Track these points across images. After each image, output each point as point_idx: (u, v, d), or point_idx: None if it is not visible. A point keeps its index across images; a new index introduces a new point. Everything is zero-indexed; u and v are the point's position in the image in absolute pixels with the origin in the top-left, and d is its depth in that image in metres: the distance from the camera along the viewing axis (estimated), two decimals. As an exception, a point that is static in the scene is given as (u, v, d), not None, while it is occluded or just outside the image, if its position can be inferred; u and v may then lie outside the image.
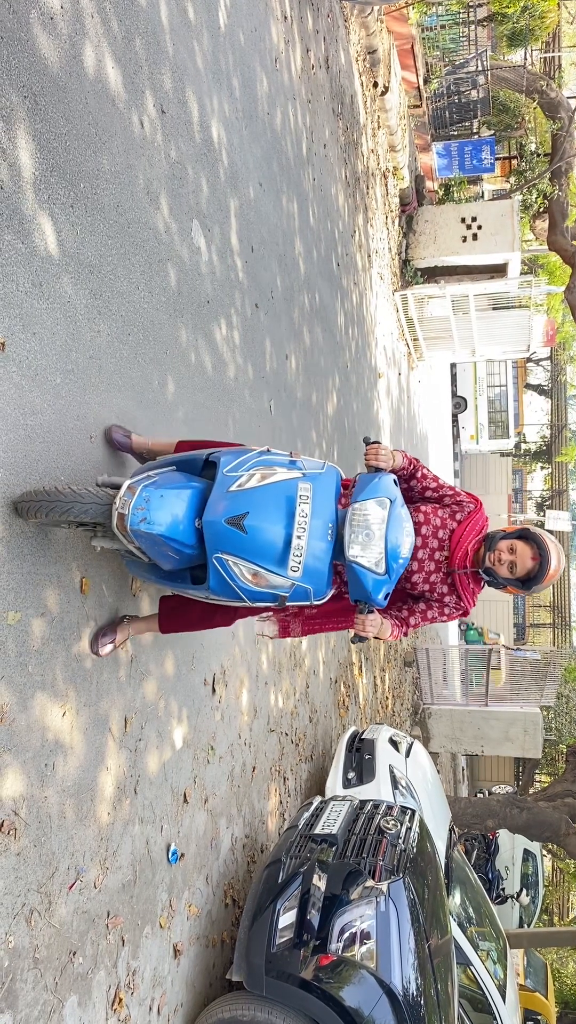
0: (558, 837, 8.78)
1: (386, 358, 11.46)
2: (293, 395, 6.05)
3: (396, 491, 2.71)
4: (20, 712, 2.54)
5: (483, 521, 3.10)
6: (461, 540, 3.04)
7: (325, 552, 2.59)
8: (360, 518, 2.60)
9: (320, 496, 2.58)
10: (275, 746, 5.34)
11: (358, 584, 2.64)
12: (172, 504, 2.49)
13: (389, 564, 2.63)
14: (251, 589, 2.55)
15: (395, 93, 11.32)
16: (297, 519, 2.51)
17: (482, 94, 14.92)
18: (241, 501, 2.49)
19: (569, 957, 23.38)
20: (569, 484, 33.04)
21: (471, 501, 3.13)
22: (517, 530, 3.02)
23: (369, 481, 2.69)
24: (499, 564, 2.99)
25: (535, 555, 2.94)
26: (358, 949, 3.63)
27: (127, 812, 3.21)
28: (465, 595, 3.09)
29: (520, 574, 2.98)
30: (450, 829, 6.65)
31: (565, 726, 20.92)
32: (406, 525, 2.71)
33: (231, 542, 2.48)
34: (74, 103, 2.99)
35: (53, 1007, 2.63)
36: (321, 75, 7.57)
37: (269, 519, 2.49)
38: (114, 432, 3.08)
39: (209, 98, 4.43)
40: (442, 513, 3.10)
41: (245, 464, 2.57)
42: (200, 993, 3.82)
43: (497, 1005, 5.77)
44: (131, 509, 2.43)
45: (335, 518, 2.62)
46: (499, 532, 3.04)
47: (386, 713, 9.81)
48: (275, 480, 2.55)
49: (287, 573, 2.52)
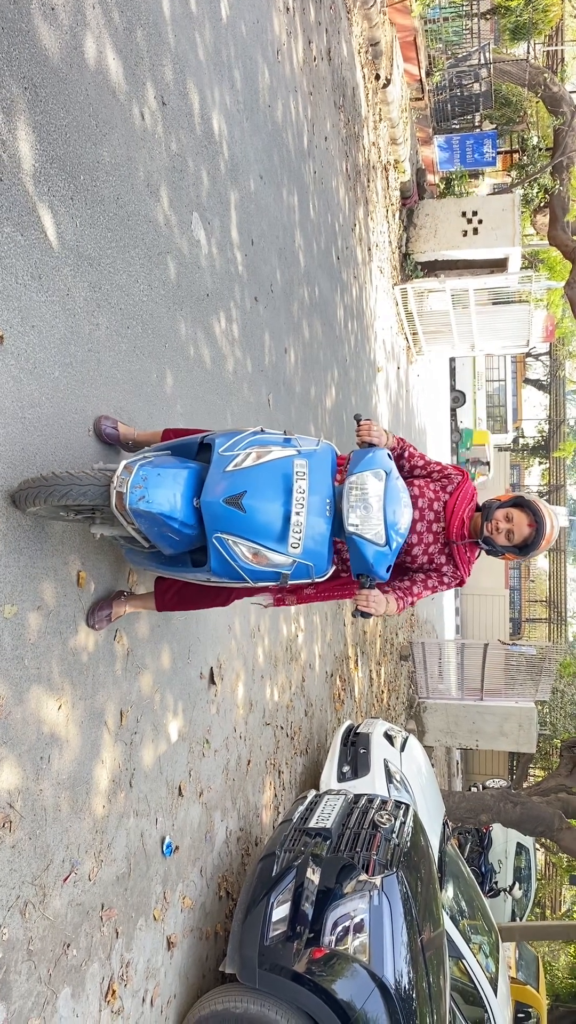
0: (551, 832, 8.81)
1: (385, 352, 11.44)
2: (292, 389, 6.05)
3: (391, 464, 2.74)
4: (16, 705, 2.54)
5: (472, 491, 3.17)
6: (455, 510, 3.09)
7: (324, 528, 2.60)
8: (358, 491, 2.61)
9: (317, 473, 2.59)
10: (270, 739, 5.35)
11: (360, 557, 2.65)
12: (170, 482, 2.49)
13: (389, 536, 2.64)
14: (252, 568, 2.55)
15: (397, 86, 11.27)
16: (295, 496, 2.51)
17: (484, 87, 14.85)
18: (238, 480, 2.49)
19: (561, 950, 23.50)
20: (567, 479, 33.05)
21: (458, 473, 3.20)
22: (512, 498, 3.09)
23: (364, 455, 2.71)
24: (497, 533, 3.04)
25: (531, 522, 3.00)
26: (351, 943, 3.65)
27: (122, 805, 3.22)
28: (462, 564, 3.15)
29: (517, 541, 3.03)
30: (444, 823, 6.67)
31: (560, 720, 20.98)
32: (403, 496, 2.73)
33: (230, 522, 2.48)
34: (75, 94, 2.97)
35: (47, 998, 2.64)
36: (323, 67, 7.54)
37: (267, 497, 2.49)
38: (103, 423, 3.07)
39: (210, 90, 4.41)
40: (434, 486, 3.16)
41: (240, 444, 2.58)
42: (193, 985, 3.84)
43: (488, 998, 5.80)
44: (129, 487, 2.42)
45: (332, 494, 2.63)
46: (494, 501, 3.10)
47: (381, 707, 9.83)
48: (271, 458, 2.55)
49: (287, 550, 2.52)
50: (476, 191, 18.22)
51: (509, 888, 15.10)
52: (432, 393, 19.34)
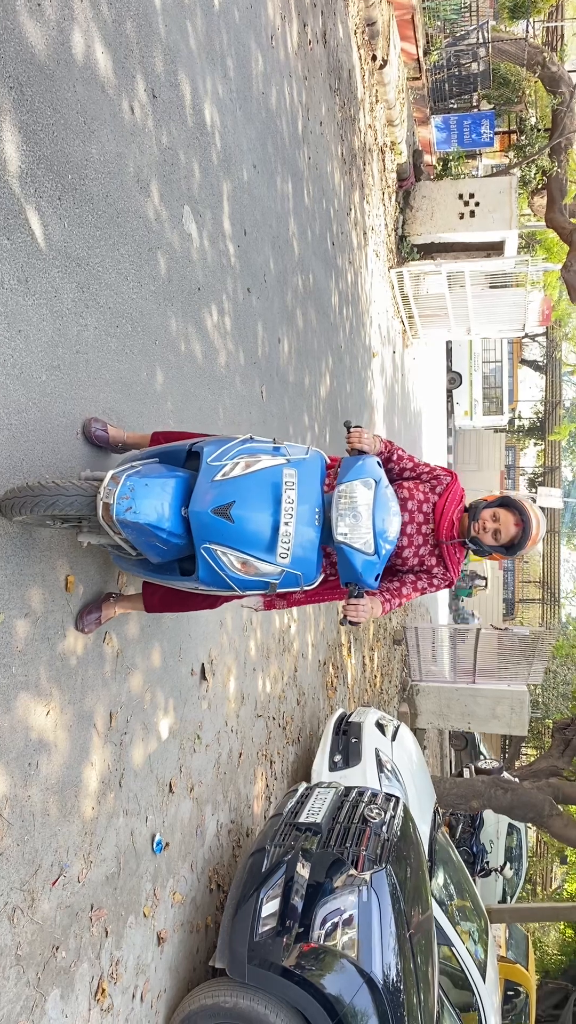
0: (541, 818, 8.88)
1: (381, 337, 11.39)
2: (285, 379, 6.02)
3: (381, 472, 2.74)
4: (3, 714, 2.54)
5: (460, 492, 3.19)
6: (444, 511, 3.11)
7: (313, 537, 2.60)
8: (347, 500, 2.62)
9: (305, 482, 2.59)
10: (262, 731, 5.37)
11: (348, 566, 2.66)
12: (157, 493, 2.48)
13: (377, 544, 2.64)
14: (240, 578, 2.55)
15: (394, 66, 11.13)
16: (283, 505, 2.51)
17: (483, 67, 14.70)
18: (227, 490, 2.48)
19: (551, 926, 23.79)
20: (562, 461, 33.06)
21: (446, 474, 3.22)
22: (498, 499, 3.12)
23: (353, 463, 2.71)
24: (484, 532, 3.07)
25: (518, 521, 3.02)
26: (340, 939, 3.68)
27: (112, 805, 3.23)
28: (451, 565, 3.17)
29: (504, 540, 3.06)
30: (435, 811, 6.72)
31: (552, 700, 21.11)
32: (392, 505, 2.73)
33: (218, 532, 2.47)
34: (62, 92, 2.93)
35: (35, 1002, 2.66)
36: (318, 50, 7.44)
37: (256, 507, 2.48)
38: (92, 425, 3.05)
39: (202, 80, 4.35)
40: (423, 488, 3.17)
41: (229, 453, 2.57)
42: (183, 978, 3.87)
43: (477, 985, 5.88)
44: (116, 499, 2.42)
45: (321, 502, 2.63)
46: (481, 502, 3.12)
47: (374, 691, 9.87)
48: (260, 468, 2.54)
49: (276, 560, 2.52)
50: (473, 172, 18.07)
51: (500, 868, 15.24)
52: (428, 375, 19.28)
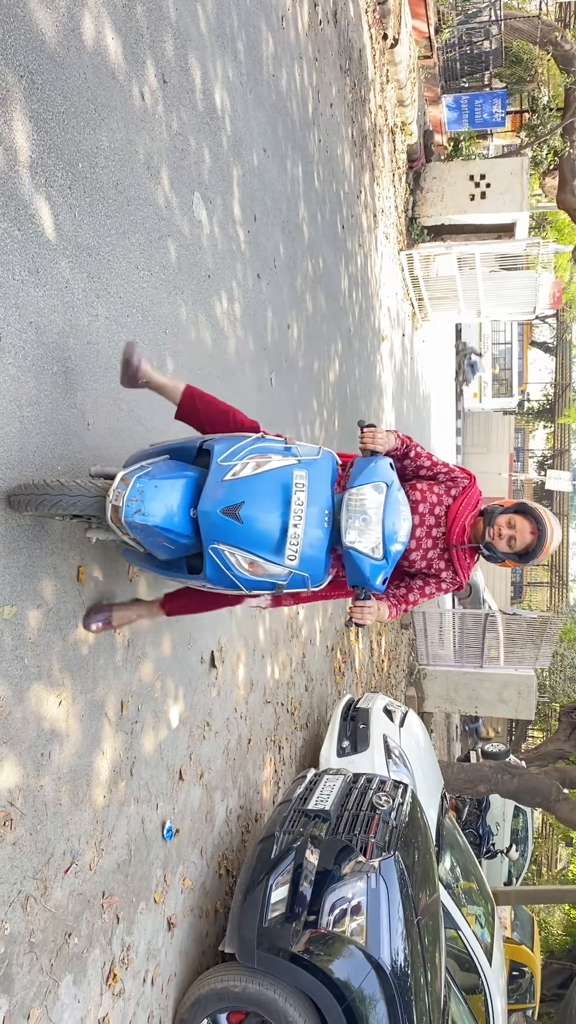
0: (548, 803, 8.93)
1: (390, 320, 11.33)
2: (295, 365, 5.99)
3: (392, 475, 2.71)
4: (16, 705, 2.55)
5: (477, 495, 3.11)
6: (458, 515, 3.04)
7: (322, 539, 2.58)
8: (356, 503, 2.60)
9: (316, 483, 2.58)
10: (271, 717, 5.39)
11: (355, 570, 2.65)
12: (167, 495, 2.48)
13: (386, 549, 2.63)
14: (248, 578, 2.55)
15: (405, 45, 11.01)
16: (293, 507, 2.50)
17: (495, 45, 14.52)
18: (236, 490, 2.48)
19: (557, 907, 23.97)
20: (571, 444, 32.92)
21: (465, 476, 3.13)
22: (514, 504, 3.04)
23: (365, 466, 2.68)
24: (498, 539, 3.01)
25: (534, 529, 2.96)
26: (348, 925, 3.71)
27: (123, 794, 3.26)
28: (461, 570, 3.11)
29: (519, 548, 3.00)
30: (442, 796, 6.75)
31: (559, 684, 21.16)
32: (403, 509, 2.71)
33: (227, 532, 2.47)
34: (72, 79, 2.90)
35: (48, 987, 2.70)
36: (329, 30, 7.35)
37: (265, 508, 2.48)
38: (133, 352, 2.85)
39: (212, 63, 4.31)
40: (438, 490, 3.10)
41: (239, 452, 2.56)
42: (194, 961, 3.92)
43: (483, 968, 5.93)
44: (125, 501, 2.42)
45: (331, 504, 2.62)
46: (497, 507, 3.05)
47: (382, 676, 9.90)
48: (270, 468, 2.53)
49: (284, 561, 2.52)
50: (484, 152, 17.89)
51: (506, 850, 15.34)
52: (437, 357, 19.18)
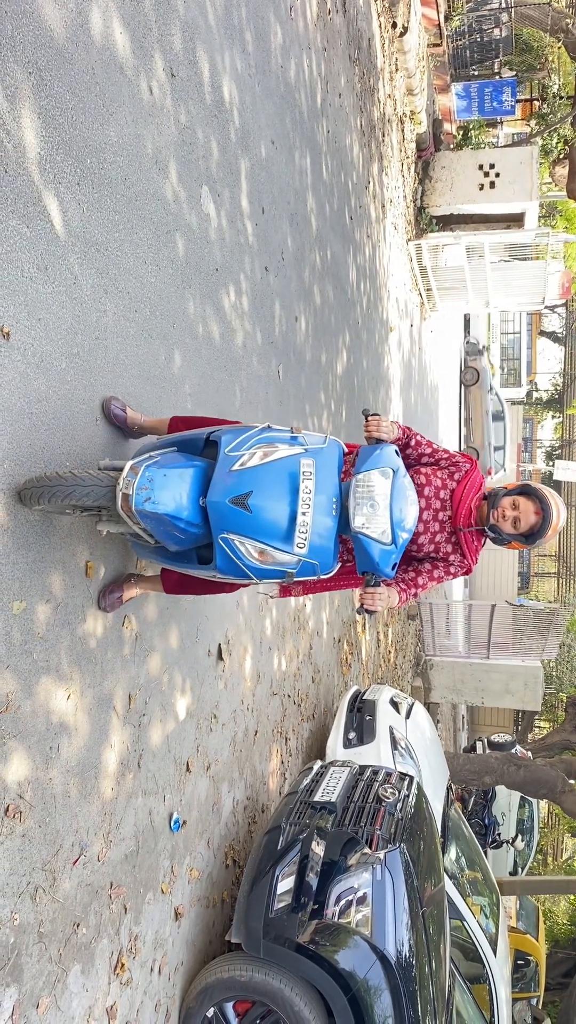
0: (554, 794, 8.94)
1: (398, 310, 11.29)
2: (302, 357, 5.99)
3: (398, 461, 2.74)
4: (25, 699, 2.58)
5: (479, 479, 3.17)
6: (463, 499, 3.10)
7: (330, 527, 2.61)
8: (364, 489, 2.62)
9: (323, 471, 2.59)
10: (277, 708, 5.42)
11: (365, 555, 2.67)
12: (176, 483, 2.50)
13: (395, 534, 2.65)
14: (258, 567, 2.57)
15: (414, 33, 10.92)
16: (301, 496, 2.52)
17: (505, 32, 14.40)
18: (244, 480, 2.50)
19: (562, 897, 24.03)
20: (580, 434, 32.77)
21: (466, 461, 3.19)
22: (518, 486, 3.09)
23: (371, 452, 2.71)
24: (503, 520, 3.05)
25: (538, 509, 3.01)
26: (354, 916, 3.74)
27: (130, 786, 3.29)
28: (469, 553, 3.16)
29: (524, 529, 3.04)
30: (448, 787, 6.78)
31: (566, 674, 21.15)
32: (410, 494, 2.73)
33: (236, 521, 2.49)
34: (80, 75, 2.90)
35: (57, 977, 2.73)
36: (338, 20, 7.31)
37: (273, 497, 2.50)
38: (111, 404, 3.05)
39: (220, 56, 4.29)
40: (441, 474, 3.16)
41: (247, 443, 2.57)
42: (200, 951, 3.96)
43: (488, 958, 5.96)
44: (135, 489, 2.44)
45: (339, 492, 2.64)
46: (501, 489, 3.10)
47: (388, 666, 9.92)
48: (277, 457, 2.55)
49: (293, 550, 2.54)
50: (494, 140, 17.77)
51: (512, 840, 15.39)
52: (446, 347, 19.11)
